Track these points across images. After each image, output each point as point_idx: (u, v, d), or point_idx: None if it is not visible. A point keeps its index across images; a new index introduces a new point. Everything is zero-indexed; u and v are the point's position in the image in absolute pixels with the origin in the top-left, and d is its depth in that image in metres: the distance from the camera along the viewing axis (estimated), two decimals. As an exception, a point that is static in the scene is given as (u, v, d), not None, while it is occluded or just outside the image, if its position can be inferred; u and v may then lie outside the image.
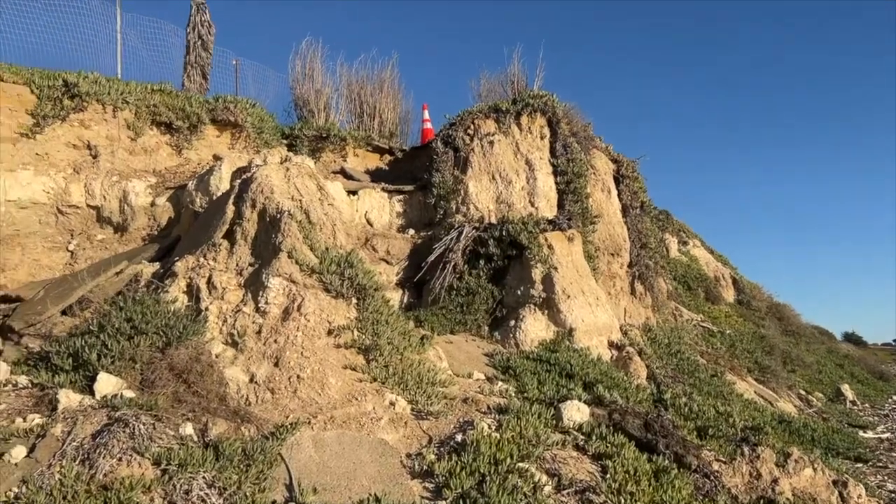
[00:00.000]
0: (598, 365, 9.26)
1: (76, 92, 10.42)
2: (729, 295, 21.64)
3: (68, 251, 9.82)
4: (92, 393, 5.90)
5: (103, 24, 12.40)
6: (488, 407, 6.97)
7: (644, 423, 7.01)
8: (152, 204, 10.43)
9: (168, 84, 12.17)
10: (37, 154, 10.00)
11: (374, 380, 6.84)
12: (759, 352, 16.24)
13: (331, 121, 15.00)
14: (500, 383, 7.99)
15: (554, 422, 6.79)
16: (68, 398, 5.74)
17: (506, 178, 12.33)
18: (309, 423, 6.04)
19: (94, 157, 10.57)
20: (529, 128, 12.98)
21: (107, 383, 5.93)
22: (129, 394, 5.85)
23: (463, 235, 11.31)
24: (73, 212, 10.07)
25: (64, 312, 7.82)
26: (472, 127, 12.99)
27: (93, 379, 5.99)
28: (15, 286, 9.02)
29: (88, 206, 10.19)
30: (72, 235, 9.99)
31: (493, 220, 11.73)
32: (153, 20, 13.66)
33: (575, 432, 6.68)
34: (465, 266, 11.01)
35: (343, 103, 15.91)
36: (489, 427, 6.34)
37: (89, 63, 11.89)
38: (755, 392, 13.09)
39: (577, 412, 6.93)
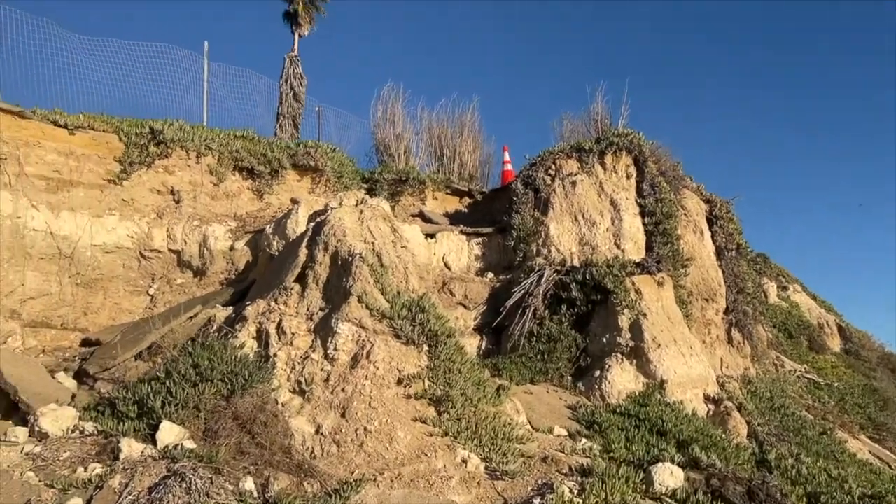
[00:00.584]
0: (692, 421, 8.49)
1: (161, 139, 10.66)
2: (835, 344, 20.03)
3: (148, 295, 9.90)
4: (154, 442, 5.71)
5: (191, 74, 12.82)
6: (570, 468, 6.37)
7: (747, 490, 6.26)
8: (231, 248, 10.45)
9: (251, 130, 12.37)
10: (122, 200, 10.22)
11: (446, 434, 6.40)
12: (872, 406, 14.78)
13: (411, 164, 14.95)
14: (583, 440, 7.36)
15: (643, 487, 6.13)
16: (130, 447, 5.56)
17: (589, 219, 11.79)
18: (375, 480, 5.64)
19: (177, 202, 10.73)
20: (614, 167, 12.44)
21: (169, 433, 5.74)
22: (190, 444, 5.63)
23: (544, 279, 10.81)
24: (154, 256, 10.19)
25: (137, 357, 7.79)
26: (553, 167, 12.57)
27: (156, 427, 5.82)
28: (96, 329, 9.12)
29: (170, 250, 10.30)
30: (153, 279, 10.09)
31: (576, 263, 11.18)
32: (238, 69, 14.10)
33: (668, 499, 6.00)
34: (546, 311, 10.48)
35: (423, 147, 15.93)
36: (570, 491, 5.76)
37: (177, 111, 12.30)
38: (870, 452, 11.82)
39: (669, 476, 6.24)
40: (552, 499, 5.50)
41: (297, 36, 15.99)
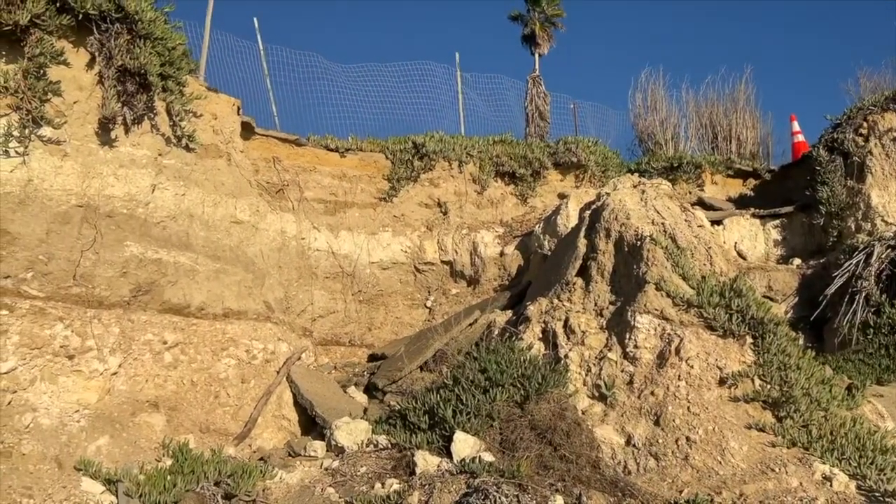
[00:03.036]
0: None
1: (424, 152, 10.61)
2: None
3: (426, 307, 9.82)
4: (449, 454, 5.20)
5: (444, 86, 12.87)
6: None
7: None
8: (501, 254, 10.05)
9: (508, 134, 11.98)
10: (394, 216, 10.29)
11: (793, 444, 5.09)
12: None
13: (680, 150, 13.58)
14: None
15: None
16: (425, 461, 5.10)
17: (924, 180, 9.53)
18: (711, 501, 4.55)
19: (444, 213, 10.61)
20: (951, 113, 9.99)
21: (464, 444, 5.19)
22: (488, 457, 5.01)
23: (874, 258, 8.81)
24: (428, 268, 10.11)
25: (422, 368, 7.53)
26: (864, 125, 10.43)
27: (449, 438, 5.31)
28: (380, 344, 9.14)
29: (442, 261, 10.17)
30: (429, 292, 10.01)
31: (914, 235, 9.01)
32: (489, 76, 14.00)
33: None
34: (883, 296, 8.51)
35: (692, 130, 14.42)
36: None
37: (434, 124, 12.34)
38: None
39: None
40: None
41: (537, 56, 15.49)
